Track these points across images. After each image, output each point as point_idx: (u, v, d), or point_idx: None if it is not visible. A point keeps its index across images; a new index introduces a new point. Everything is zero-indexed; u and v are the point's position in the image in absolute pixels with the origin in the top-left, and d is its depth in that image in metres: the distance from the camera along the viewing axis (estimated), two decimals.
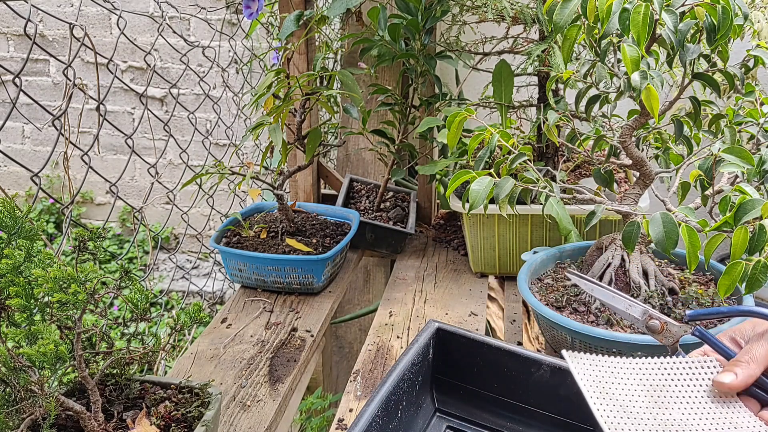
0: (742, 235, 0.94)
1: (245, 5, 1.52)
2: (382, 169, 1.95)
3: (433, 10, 1.53)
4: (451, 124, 1.21)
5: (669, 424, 0.83)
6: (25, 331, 0.81)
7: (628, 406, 0.84)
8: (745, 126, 1.20)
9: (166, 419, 0.91)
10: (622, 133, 1.18)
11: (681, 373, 0.89)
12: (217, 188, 1.80)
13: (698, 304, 1.17)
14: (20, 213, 0.88)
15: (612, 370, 0.89)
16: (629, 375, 0.89)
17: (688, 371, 0.90)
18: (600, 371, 0.88)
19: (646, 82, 1.02)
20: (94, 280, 0.84)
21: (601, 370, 0.89)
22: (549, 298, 1.22)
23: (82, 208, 4.13)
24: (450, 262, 1.72)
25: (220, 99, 2.53)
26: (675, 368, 0.90)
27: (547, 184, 1.19)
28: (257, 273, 1.49)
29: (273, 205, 1.71)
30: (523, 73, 1.56)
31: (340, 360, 2.42)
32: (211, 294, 2.69)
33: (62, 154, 1.61)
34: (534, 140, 1.62)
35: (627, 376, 0.88)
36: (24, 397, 0.80)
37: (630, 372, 0.89)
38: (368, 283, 2.28)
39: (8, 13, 3.81)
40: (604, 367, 0.89)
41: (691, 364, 0.90)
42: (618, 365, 0.89)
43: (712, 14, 1.02)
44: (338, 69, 1.97)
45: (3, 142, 3.97)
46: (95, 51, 1.63)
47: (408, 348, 0.98)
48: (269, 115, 1.43)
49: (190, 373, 1.23)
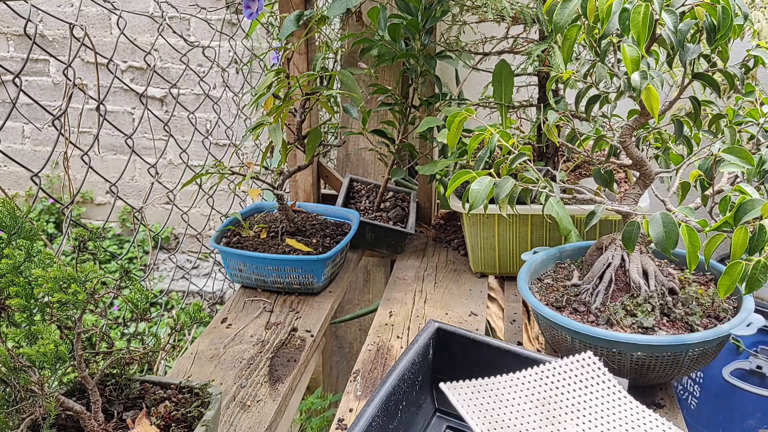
0: (742, 235, 0.94)
1: (245, 5, 1.52)
2: (382, 169, 1.95)
3: (433, 10, 1.53)
4: (451, 124, 1.21)
5: None
6: (25, 331, 0.81)
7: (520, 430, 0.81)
8: (745, 126, 1.20)
9: (166, 419, 0.91)
10: (622, 133, 1.18)
11: (564, 379, 0.88)
12: (217, 188, 1.80)
13: (698, 303, 1.17)
14: (20, 213, 0.88)
15: (497, 392, 0.86)
16: (515, 394, 0.86)
17: (570, 375, 0.88)
18: (485, 398, 0.85)
19: (646, 82, 1.02)
20: (94, 280, 0.84)
21: (486, 396, 0.85)
22: (549, 298, 1.22)
23: (82, 208, 4.13)
24: (450, 262, 1.72)
25: (220, 99, 2.53)
26: (557, 375, 0.88)
27: (547, 184, 1.19)
28: (257, 273, 1.49)
29: (273, 205, 1.71)
30: (523, 73, 1.56)
31: (340, 360, 2.42)
32: (211, 294, 2.69)
33: (62, 154, 1.61)
34: (534, 140, 1.62)
35: (513, 395, 0.86)
36: (24, 397, 0.80)
37: (515, 390, 0.86)
38: (368, 283, 2.27)
39: (8, 13, 3.81)
40: (489, 392, 0.86)
41: (571, 365, 0.89)
42: (501, 385, 0.87)
43: (712, 14, 1.02)
44: (338, 69, 1.97)
45: (3, 142, 3.97)
46: (95, 51, 1.63)
47: (408, 348, 0.98)
48: (269, 115, 1.43)
49: (190, 373, 1.23)
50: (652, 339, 1.06)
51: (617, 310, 1.14)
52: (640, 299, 1.15)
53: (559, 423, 0.83)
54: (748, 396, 1.88)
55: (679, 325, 1.12)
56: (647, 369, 1.08)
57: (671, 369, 1.09)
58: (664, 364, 1.08)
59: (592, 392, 0.87)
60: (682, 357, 1.07)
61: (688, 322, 1.13)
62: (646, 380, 1.11)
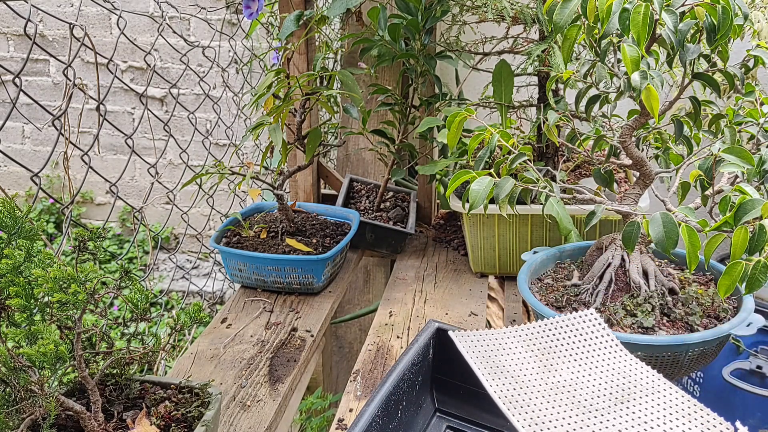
0: (742, 235, 0.94)
1: (245, 5, 1.52)
2: (382, 169, 1.95)
3: (433, 10, 1.53)
4: (451, 124, 1.21)
5: (560, 386, 0.85)
6: (25, 331, 0.81)
7: (519, 375, 0.86)
8: (745, 126, 1.20)
9: (166, 419, 0.91)
10: (622, 133, 1.18)
11: (564, 332, 0.92)
12: (217, 188, 1.80)
13: (698, 303, 1.17)
14: (20, 213, 0.88)
15: (501, 342, 0.92)
16: (517, 343, 0.91)
17: (570, 328, 0.92)
18: (489, 346, 0.91)
19: (646, 82, 1.02)
20: (94, 280, 0.84)
21: (490, 345, 0.91)
22: (549, 298, 1.22)
23: (82, 208, 4.13)
24: (450, 262, 1.72)
25: (220, 99, 2.53)
26: (558, 328, 0.93)
27: (547, 184, 1.19)
28: (257, 273, 1.49)
29: (273, 205, 1.71)
30: (523, 73, 1.56)
31: (340, 360, 2.42)
32: (211, 294, 2.69)
33: (62, 154, 1.61)
34: (534, 140, 1.62)
35: (515, 344, 0.92)
36: (24, 397, 0.80)
37: (517, 340, 0.92)
38: (368, 283, 2.28)
39: (8, 13, 3.81)
40: (493, 341, 0.92)
41: (572, 320, 0.93)
42: (506, 335, 0.92)
43: (712, 14, 1.02)
44: (338, 69, 1.97)
45: (3, 142, 3.97)
46: (95, 51, 1.62)
47: (408, 348, 0.98)
48: (269, 115, 1.43)
49: (190, 373, 1.23)
50: (652, 339, 1.06)
51: (617, 310, 1.14)
52: (640, 299, 1.15)
53: (555, 371, 0.86)
54: (748, 396, 1.88)
55: (679, 325, 1.12)
56: None
57: (671, 369, 1.09)
58: (664, 364, 1.08)
59: (590, 344, 0.91)
60: (682, 357, 1.07)
61: (688, 322, 1.13)
62: None
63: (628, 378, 0.85)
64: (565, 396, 0.82)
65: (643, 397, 0.82)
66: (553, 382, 0.85)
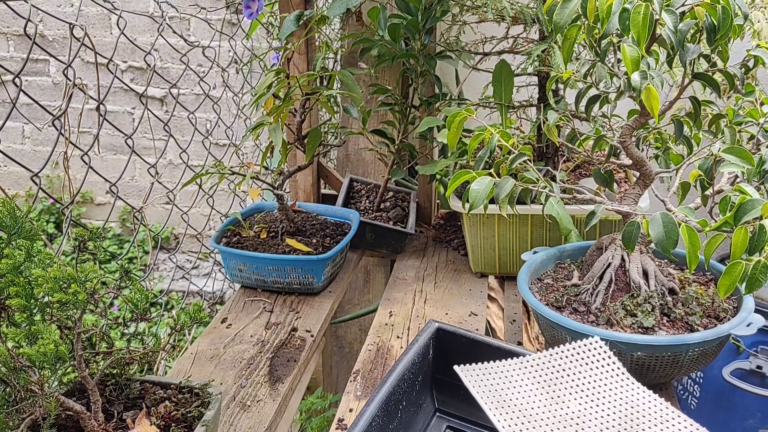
0: (742, 235, 0.94)
1: (245, 5, 1.52)
2: (382, 169, 1.95)
3: (433, 10, 1.53)
4: (451, 124, 1.21)
5: (568, 418, 0.84)
6: (25, 331, 0.81)
7: (527, 409, 0.85)
8: (745, 126, 1.20)
9: (166, 419, 0.91)
10: (622, 133, 1.18)
11: (570, 362, 0.91)
12: (217, 188, 1.80)
13: (698, 303, 1.17)
14: (20, 213, 0.88)
15: (507, 374, 0.90)
16: (523, 376, 0.90)
17: (576, 357, 0.91)
18: (495, 380, 0.89)
19: (646, 82, 1.02)
20: (94, 280, 0.84)
21: (497, 378, 0.89)
22: (549, 298, 1.22)
23: (82, 208, 4.13)
24: (450, 262, 1.72)
25: (220, 99, 2.53)
26: (564, 358, 0.92)
27: (547, 184, 1.19)
28: (257, 273, 1.49)
29: (273, 205, 1.71)
30: (523, 73, 1.56)
31: (340, 360, 2.42)
32: (211, 294, 2.69)
33: (62, 154, 1.61)
34: (534, 140, 1.62)
35: (521, 377, 0.90)
36: (24, 397, 0.80)
37: (523, 372, 0.90)
38: (368, 283, 2.28)
39: (8, 13, 3.80)
40: (499, 374, 0.90)
41: (578, 349, 0.92)
42: (511, 368, 0.90)
43: (712, 14, 1.02)
44: (338, 69, 1.97)
45: (3, 142, 3.97)
46: (95, 51, 1.62)
47: (408, 348, 0.98)
48: (269, 115, 1.43)
49: (190, 373, 1.23)
50: (652, 339, 1.06)
51: (617, 310, 1.14)
52: (640, 299, 1.15)
53: (562, 402, 0.85)
54: (748, 396, 1.88)
55: (679, 325, 1.12)
56: (647, 369, 1.08)
57: (671, 369, 1.09)
58: (664, 364, 1.08)
59: (597, 374, 0.90)
60: (682, 357, 1.07)
61: (688, 322, 1.13)
62: (646, 380, 1.11)
63: (636, 407, 0.84)
64: (573, 428, 0.81)
65: (651, 427, 0.81)
66: (561, 414, 0.84)
